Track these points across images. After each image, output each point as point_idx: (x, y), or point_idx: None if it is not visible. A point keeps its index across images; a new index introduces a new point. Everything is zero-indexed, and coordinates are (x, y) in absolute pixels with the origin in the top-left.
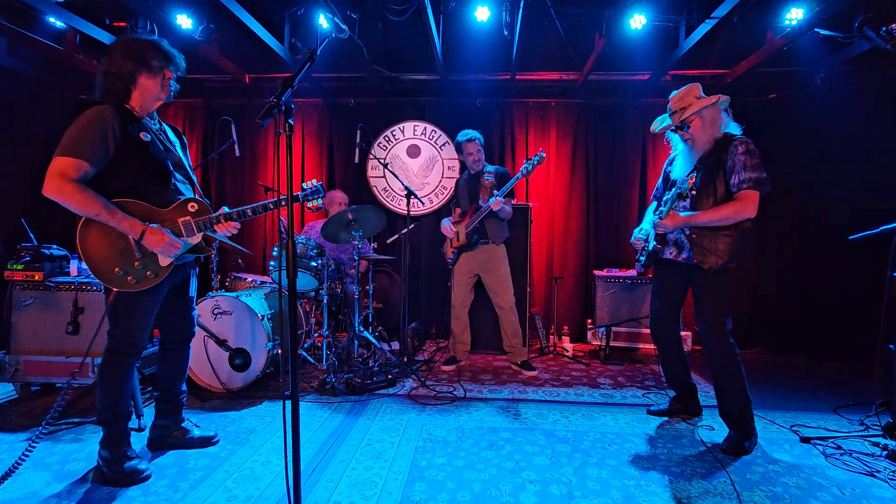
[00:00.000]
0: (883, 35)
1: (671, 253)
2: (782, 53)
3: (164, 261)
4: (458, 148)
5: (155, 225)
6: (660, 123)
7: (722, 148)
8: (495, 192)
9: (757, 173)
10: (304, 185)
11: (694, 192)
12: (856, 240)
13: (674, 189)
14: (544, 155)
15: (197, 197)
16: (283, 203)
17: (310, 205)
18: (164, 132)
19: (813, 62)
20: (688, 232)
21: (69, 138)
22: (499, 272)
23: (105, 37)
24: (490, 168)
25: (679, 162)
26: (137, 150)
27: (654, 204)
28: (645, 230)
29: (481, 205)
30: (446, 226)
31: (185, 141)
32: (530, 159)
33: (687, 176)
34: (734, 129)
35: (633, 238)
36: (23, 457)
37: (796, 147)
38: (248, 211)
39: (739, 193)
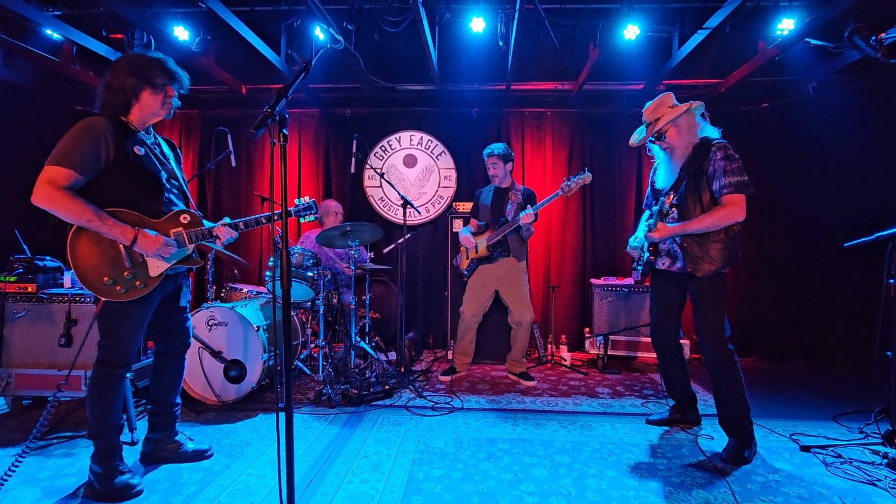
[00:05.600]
0: (872, 44)
1: (665, 263)
2: (774, 63)
3: (154, 271)
4: (484, 162)
5: (146, 229)
6: (637, 137)
7: (702, 154)
8: (528, 206)
9: (737, 177)
10: (297, 201)
11: (675, 211)
12: (851, 247)
13: (657, 205)
14: (590, 175)
15: (189, 209)
16: (277, 217)
17: (302, 220)
18: (159, 145)
19: (805, 71)
20: (679, 241)
21: (60, 148)
22: (519, 287)
23: (101, 48)
24: (518, 186)
25: (661, 171)
26: (131, 163)
27: (647, 213)
28: (639, 239)
29: (508, 219)
30: (465, 235)
31: (180, 154)
32: (574, 176)
33: (667, 192)
34: (712, 132)
35: (629, 248)
36: (9, 472)
37: (790, 155)
38: (241, 224)
39: (723, 199)
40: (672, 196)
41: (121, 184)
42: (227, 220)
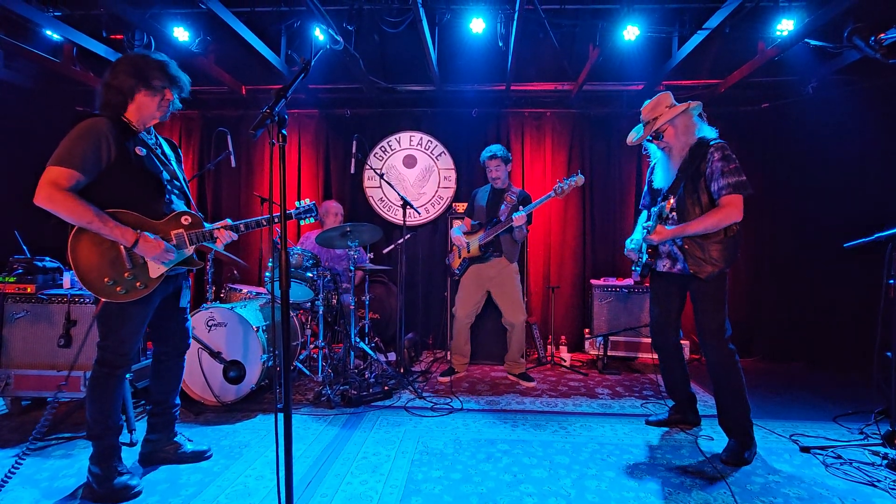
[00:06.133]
0: (872, 45)
1: (665, 265)
2: (774, 63)
3: (155, 272)
4: (483, 164)
5: (148, 233)
6: (635, 135)
7: (699, 155)
8: (521, 207)
9: (735, 177)
10: (298, 204)
11: (674, 215)
12: (851, 247)
13: (656, 207)
14: (583, 177)
15: (191, 210)
16: (277, 220)
17: (302, 222)
18: (160, 145)
19: (804, 72)
20: (679, 243)
21: (62, 148)
22: (510, 289)
23: (102, 49)
24: (515, 189)
25: (659, 170)
26: (132, 163)
27: (644, 213)
28: (636, 241)
29: (501, 219)
30: (457, 235)
31: (181, 155)
32: (567, 178)
33: (666, 194)
34: (709, 132)
35: (626, 250)
36: (10, 473)
37: (790, 155)
38: (241, 226)
39: (722, 200)
40: (672, 200)
41: (122, 185)
42: (229, 220)
